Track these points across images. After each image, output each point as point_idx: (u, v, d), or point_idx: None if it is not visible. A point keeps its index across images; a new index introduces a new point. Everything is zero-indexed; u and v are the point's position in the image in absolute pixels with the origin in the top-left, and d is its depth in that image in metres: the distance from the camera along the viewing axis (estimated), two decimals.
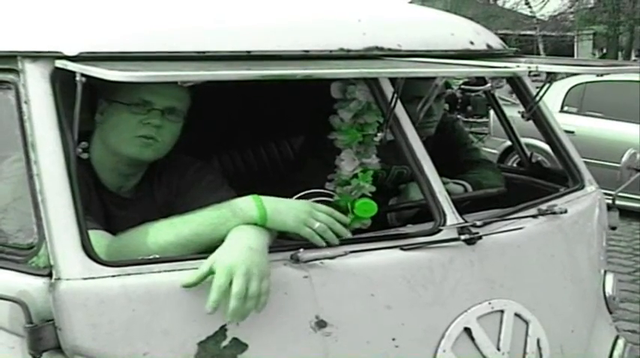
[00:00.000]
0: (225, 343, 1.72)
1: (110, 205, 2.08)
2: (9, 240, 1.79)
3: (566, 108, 8.07)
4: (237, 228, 1.78)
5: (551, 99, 7.41)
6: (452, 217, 2.03)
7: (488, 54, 2.40)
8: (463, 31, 2.41)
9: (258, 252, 1.73)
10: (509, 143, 2.91)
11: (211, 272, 1.67)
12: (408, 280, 1.92)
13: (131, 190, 2.13)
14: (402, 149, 2.07)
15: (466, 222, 2.04)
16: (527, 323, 2.10)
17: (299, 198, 2.00)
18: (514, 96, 2.88)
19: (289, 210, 1.83)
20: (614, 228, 2.71)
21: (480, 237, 2.03)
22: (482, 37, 2.45)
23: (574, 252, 2.39)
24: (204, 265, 1.68)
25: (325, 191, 2.13)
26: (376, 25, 2.16)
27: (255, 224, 1.79)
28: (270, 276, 1.71)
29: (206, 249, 1.76)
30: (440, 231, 2.01)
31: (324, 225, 1.84)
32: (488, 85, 2.89)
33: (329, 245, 1.84)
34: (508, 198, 2.45)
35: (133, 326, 1.66)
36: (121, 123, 1.99)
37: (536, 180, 2.84)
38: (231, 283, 1.65)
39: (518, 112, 2.62)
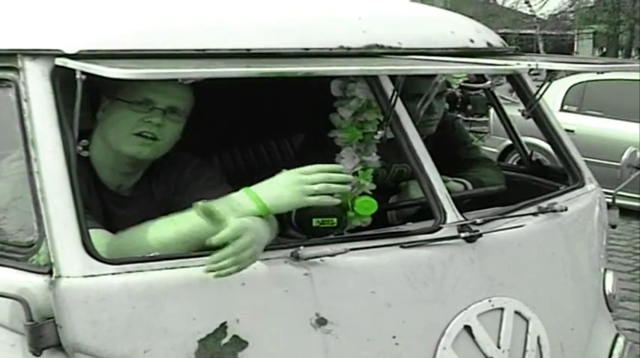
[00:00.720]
0: (225, 340, 1.72)
1: (110, 204, 2.08)
2: (9, 237, 1.80)
3: (566, 107, 8.07)
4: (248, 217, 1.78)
5: (551, 98, 7.41)
6: (452, 215, 2.03)
7: (489, 52, 2.40)
8: (463, 29, 2.41)
9: (262, 238, 1.74)
10: (509, 142, 2.92)
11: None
12: (409, 278, 1.92)
13: (130, 189, 2.13)
14: (402, 147, 2.07)
15: (466, 219, 2.04)
16: (527, 320, 2.10)
17: None
18: (514, 94, 2.89)
19: (282, 190, 1.81)
20: (614, 227, 2.71)
21: (480, 235, 2.04)
22: (482, 35, 2.45)
23: (574, 250, 2.39)
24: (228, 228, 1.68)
25: None
26: (376, 23, 2.16)
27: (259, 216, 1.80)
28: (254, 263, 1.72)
29: (206, 245, 1.76)
30: (440, 228, 2.01)
31: (323, 184, 1.81)
32: (488, 82, 2.89)
33: (339, 205, 1.85)
34: (508, 196, 2.45)
35: (133, 324, 1.66)
36: (121, 121, 1.99)
37: (536, 178, 2.84)
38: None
39: (519, 110, 2.62)
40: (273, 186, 1.84)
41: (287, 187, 1.82)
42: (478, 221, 2.06)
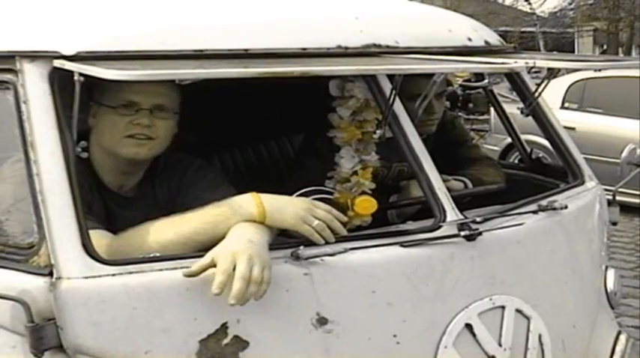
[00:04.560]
0: (226, 340, 1.72)
1: (112, 204, 2.08)
2: (10, 239, 1.80)
3: (566, 105, 8.07)
4: (238, 225, 1.79)
5: (552, 96, 7.39)
6: (452, 214, 2.03)
7: (487, 50, 2.40)
8: (461, 28, 2.41)
9: (259, 244, 1.74)
10: (510, 140, 2.93)
11: (213, 264, 1.68)
12: (409, 277, 1.92)
13: (132, 189, 2.14)
14: (401, 146, 2.07)
15: (466, 218, 2.04)
16: (528, 318, 2.10)
17: (299, 195, 2.00)
18: (514, 93, 2.89)
19: (288, 208, 1.84)
20: (614, 224, 2.71)
21: (480, 233, 2.03)
22: (479, 34, 2.45)
23: (575, 247, 2.39)
24: (206, 256, 1.69)
25: (325, 188, 2.13)
26: (374, 22, 2.16)
27: (255, 221, 1.80)
28: (272, 268, 1.71)
29: (207, 246, 1.76)
30: (440, 227, 2.01)
31: (323, 223, 1.84)
32: (486, 81, 2.89)
33: (327, 243, 1.84)
34: (508, 194, 2.45)
35: (134, 325, 1.66)
36: (110, 126, 1.99)
37: (536, 176, 2.84)
38: (234, 269, 1.66)
39: (518, 109, 2.63)
40: (281, 199, 1.87)
41: (293, 206, 1.85)
42: (478, 219, 2.06)
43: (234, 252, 1.68)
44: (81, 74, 1.61)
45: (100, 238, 1.78)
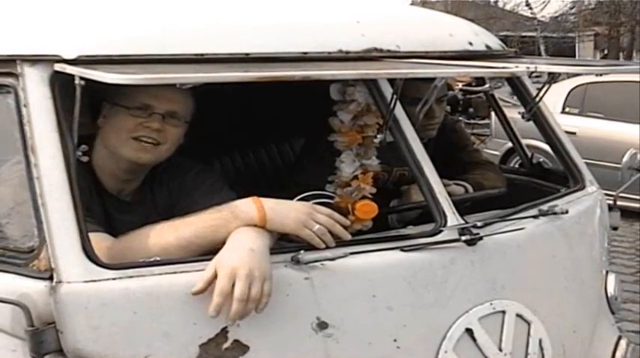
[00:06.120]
0: (226, 345, 1.72)
1: (111, 209, 2.08)
2: (10, 243, 1.80)
3: (567, 109, 8.07)
4: (238, 230, 1.78)
5: (553, 101, 7.41)
6: (452, 218, 2.03)
7: (488, 54, 2.41)
8: (462, 32, 2.42)
9: (260, 253, 1.73)
10: (511, 144, 2.93)
11: (216, 275, 1.68)
12: (409, 281, 1.92)
13: (132, 194, 2.14)
14: (401, 150, 2.07)
15: (467, 223, 2.04)
16: (528, 323, 2.10)
17: (300, 199, 2.00)
18: (515, 97, 2.89)
19: (289, 212, 1.84)
20: (615, 229, 2.71)
21: (481, 238, 2.03)
22: (480, 38, 2.46)
23: (575, 252, 2.39)
24: (207, 269, 1.69)
25: (326, 193, 2.13)
26: (375, 27, 2.16)
27: (256, 226, 1.80)
28: (272, 278, 1.71)
29: (207, 250, 1.76)
30: (440, 232, 2.01)
31: (324, 227, 1.84)
32: (487, 85, 2.89)
33: (328, 247, 1.84)
34: (509, 198, 2.45)
35: (134, 329, 1.66)
36: (120, 125, 1.99)
37: (537, 180, 2.84)
38: (233, 285, 1.66)
39: (519, 113, 2.63)
40: (282, 204, 1.87)
41: (295, 211, 1.85)
42: (479, 224, 2.06)
43: (233, 267, 1.67)
44: (82, 78, 1.61)
45: (100, 241, 1.78)
